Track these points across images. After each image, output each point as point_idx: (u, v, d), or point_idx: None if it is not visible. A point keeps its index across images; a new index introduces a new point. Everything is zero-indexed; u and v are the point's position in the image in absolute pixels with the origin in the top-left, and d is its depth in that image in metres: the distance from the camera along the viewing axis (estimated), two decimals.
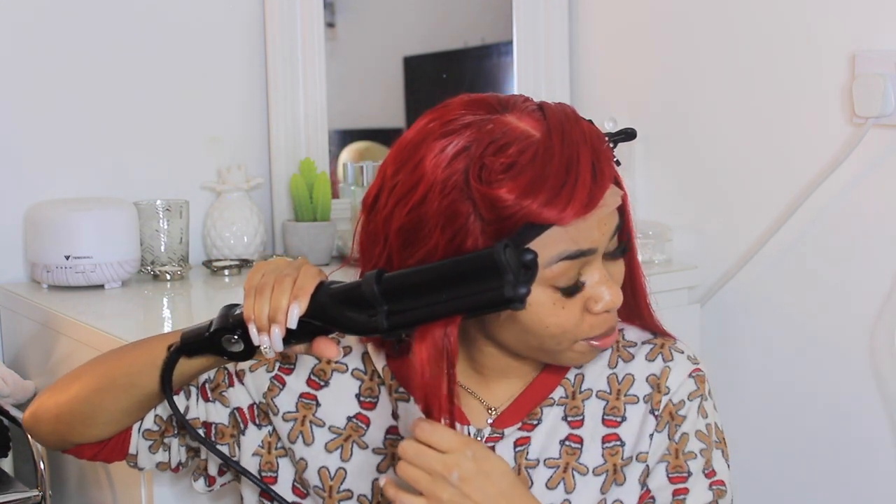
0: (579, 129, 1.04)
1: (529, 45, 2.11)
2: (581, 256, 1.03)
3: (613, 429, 1.14)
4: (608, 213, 1.04)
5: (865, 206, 1.68)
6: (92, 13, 1.81)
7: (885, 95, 1.60)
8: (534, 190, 1.00)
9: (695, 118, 1.92)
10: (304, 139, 1.97)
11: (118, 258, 1.71)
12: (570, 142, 1.02)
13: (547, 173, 1.00)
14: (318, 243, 1.90)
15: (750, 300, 1.85)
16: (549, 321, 1.05)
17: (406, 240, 1.04)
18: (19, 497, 1.52)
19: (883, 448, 1.68)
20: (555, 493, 1.12)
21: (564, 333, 1.06)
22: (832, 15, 1.69)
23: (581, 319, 1.06)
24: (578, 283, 1.04)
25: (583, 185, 1.01)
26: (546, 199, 1.00)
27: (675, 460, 1.13)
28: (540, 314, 1.05)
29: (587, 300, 1.05)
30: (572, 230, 1.02)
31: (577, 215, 1.01)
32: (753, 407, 1.86)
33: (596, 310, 1.06)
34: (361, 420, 1.16)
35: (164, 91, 1.89)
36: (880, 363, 1.67)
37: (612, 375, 1.16)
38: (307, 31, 1.95)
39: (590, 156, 1.02)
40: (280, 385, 1.17)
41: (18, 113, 1.78)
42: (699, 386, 1.16)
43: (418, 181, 1.03)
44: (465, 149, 1.02)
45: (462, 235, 1.01)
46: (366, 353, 1.18)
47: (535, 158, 1.01)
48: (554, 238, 1.02)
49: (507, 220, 1.00)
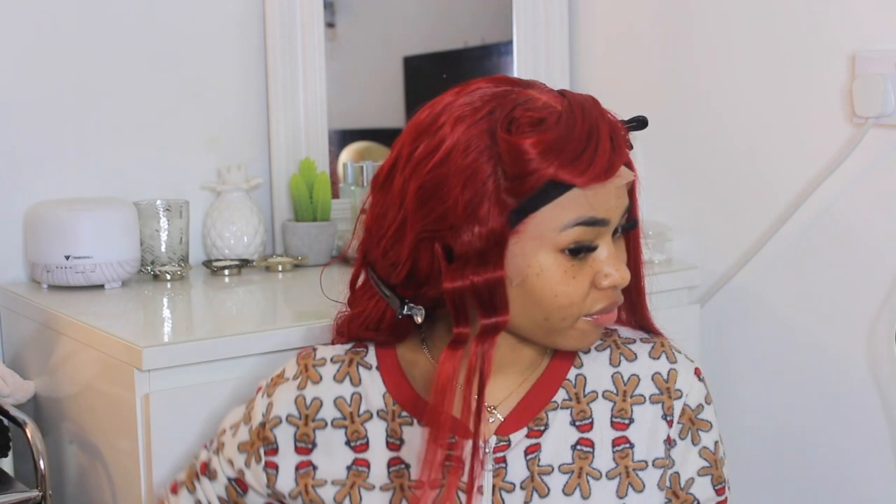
0: (598, 108, 1.07)
1: (529, 45, 2.11)
2: (596, 225, 1.06)
3: (622, 431, 1.14)
4: (623, 185, 1.07)
5: (865, 206, 1.68)
6: (91, 13, 1.81)
7: (885, 95, 1.60)
8: (557, 148, 1.03)
9: (695, 118, 1.92)
10: (304, 139, 1.97)
11: (118, 258, 1.71)
12: (590, 115, 1.06)
13: (571, 136, 1.03)
14: (318, 243, 1.90)
15: (750, 300, 1.85)
16: (558, 289, 1.06)
17: (424, 199, 1.05)
18: (19, 497, 1.52)
19: (881, 448, 1.68)
20: (572, 499, 1.11)
21: (572, 305, 1.07)
22: (832, 15, 1.69)
23: (588, 294, 1.07)
24: (591, 247, 1.06)
25: (603, 151, 1.04)
26: (568, 159, 1.03)
27: (716, 472, 1.15)
28: (552, 281, 1.06)
29: (596, 275, 1.07)
30: (591, 195, 1.05)
31: (596, 180, 1.03)
32: (753, 407, 1.85)
33: (603, 284, 1.07)
34: (361, 464, 1.15)
35: (163, 91, 1.89)
36: (879, 363, 1.67)
37: (616, 374, 1.16)
38: (307, 31, 1.95)
39: (608, 129, 1.06)
40: (274, 471, 1.18)
41: (18, 113, 1.77)
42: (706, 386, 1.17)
43: (440, 143, 1.05)
44: (490, 112, 1.04)
45: (479, 197, 1.03)
46: (339, 398, 1.17)
47: (559, 121, 1.04)
48: (572, 202, 1.04)
49: (528, 177, 1.02)
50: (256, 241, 1.89)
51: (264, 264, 1.87)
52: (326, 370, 1.19)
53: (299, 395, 1.18)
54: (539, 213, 1.04)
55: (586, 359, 1.17)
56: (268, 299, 1.78)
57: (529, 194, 1.03)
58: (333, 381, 1.18)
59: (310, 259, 1.89)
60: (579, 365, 1.16)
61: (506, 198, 1.03)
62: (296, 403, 1.18)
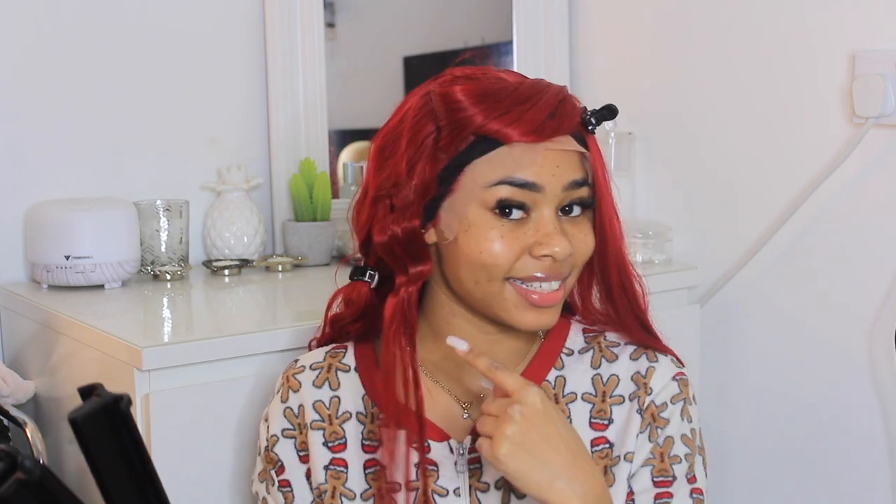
0: (559, 86, 1.10)
1: (529, 45, 2.11)
2: (524, 188, 1.06)
3: (601, 432, 1.14)
4: (570, 154, 1.07)
5: (865, 206, 1.68)
6: (91, 13, 1.81)
7: (885, 95, 1.60)
8: (487, 100, 1.06)
9: (695, 118, 1.92)
10: (304, 139, 1.97)
11: (118, 258, 1.71)
12: (541, 84, 1.09)
13: (505, 94, 1.06)
14: (318, 243, 1.90)
15: (750, 300, 1.85)
16: (483, 245, 1.07)
17: (381, 161, 1.11)
18: None
19: (880, 448, 1.68)
20: None
21: (495, 266, 1.07)
22: (832, 15, 1.69)
23: (516, 258, 1.07)
24: (519, 205, 1.06)
25: (536, 113, 1.05)
26: (497, 112, 1.05)
27: (660, 464, 1.13)
28: (477, 237, 1.07)
29: (532, 245, 1.07)
30: (519, 155, 1.06)
31: (522, 137, 1.05)
32: (752, 407, 1.85)
33: (536, 253, 1.07)
34: (339, 464, 1.16)
35: (164, 91, 1.89)
36: (879, 364, 1.67)
37: (596, 376, 1.16)
38: (307, 31, 1.95)
39: (554, 101, 1.07)
40: (289, 489, 1.19)
41: (19, 113, 1.77)
42: (682, 389, 1.16)
43: (400, 110, 1.12)
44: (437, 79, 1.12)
45: (418, 155, 1.08)
46: (318, 402, 1.18)
47: (498, 83, 1.07)
48: (501, 159, 1.06)
49: (458, 127, 1.05)
50: (256, 241, 1.89)
51: (264, 264, 1.87)
52: (305, 377, 1.20)
53: (285, 407, 1.20)
54: (469, 168, 1.07)
55: (568, 360, 1.17)
56: (268, 299, 1.78)
57: (460, 149, 1.06)
58: (312, 386, 1.19)
59: (310, 259, 1.89)
60: (560, 366, 1.16)
61: (440, 154, 1.07)
62: (285, 416, 1.19)
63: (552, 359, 1.17)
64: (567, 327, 1.20)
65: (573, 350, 1.18)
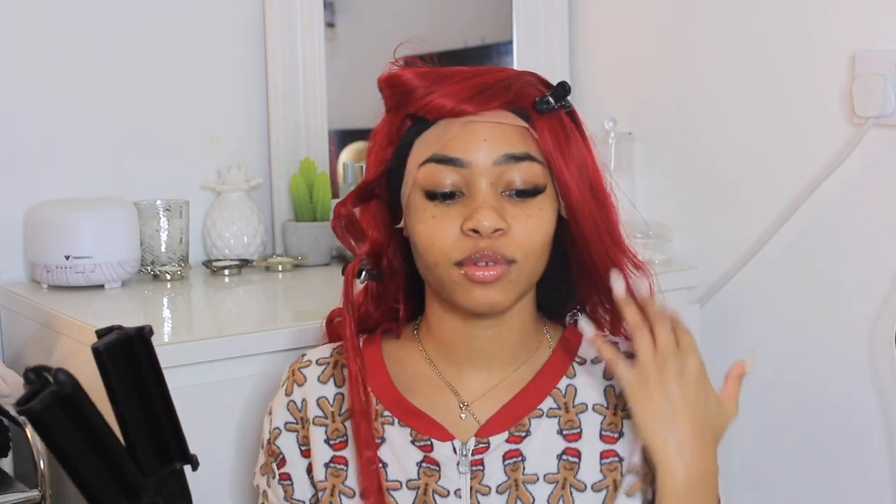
0: (515, 70, 1.10)
1: (529, 45, 2.11)
2: (448, 164, 1.06)
3: (611, 444, 1.13)
4: (488, 125, 1.05)
5: (865, 206, 1.68)
6: (91, 13, 1.81)
7: (885, 95, 1.60)
8: (419, 75, 1.08)
9: (695, 118, 1.92)
10: (304, 139, 1.97)
11: (118, 258, 1.71)
12: (488, 69, 1.09)
13: (441, 72, 1.08)
14: (318, 243, 1.90)
15: (750, 300, 1.85)
16: (418, 227, 1.08)
17: (367, 154, 1.14)
18: (19, 497, 1.52)
19: (879, 448, 1.68)
20: None
21: (433, 247, 1.07)
22: (831, 15, 1.69)
23: (454, 240, 1.06)
24: (447, 193, 1.06)
25: (463, 88, 1.06)
26: (423, 84, 1.07)
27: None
28: (413, 219, 1.09)
29: (463, 220, 1.06)
30: (443, 134, 1.06)
31: (447, 113, 1.05)
32: (752, 406, 1.85)
33: (464, 227, 1.05)
34: (339, 462, 1.15)
35: (164, 91, 1.89)
36: (879, 363, 1.67)
37: (608, 388, 1.15)
38: (307, 31, 1.95)
39: (493, 79, 1.07)
40: (289, 482, 1.19)
41: (19, 113, 1.77)
42: None
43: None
44: None
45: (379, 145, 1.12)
46: (322, 398, 1.18)
47: (452, 69, 1.09)
48: (430, 138, 1.07)
49: (396, 104, 1.08)
50: (256, 241, 1.89)
51: (264, 264, 1.87)
52: (311, 371, 1.20)
53: (289, 400, 1.19)
54: (411, 151, 1.09)
55: (580, 370, 1.16)
56: (268, 299, 1.78)
57: (402, 131, 1.09)
58: (317, 381, 1.19)
59: (310, 259, 1.89)
60: (572, 375, 1.15)
61: (392, 139, 1.10)
62: (288, 410, 1.19)
63: (564, 367, 1.16)
64: (580, 335, 1.18)
65: (586, 359, 1.17)
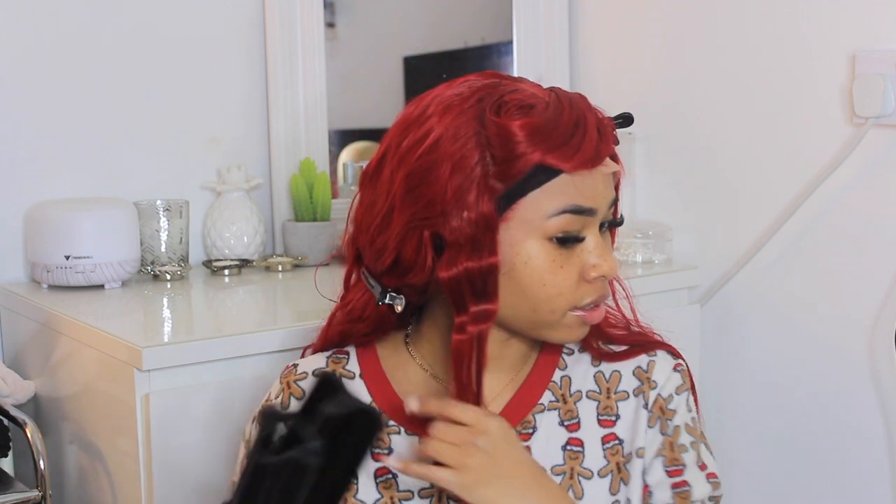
0: (585, 101, 1.09)
1: (529, 45, 2.11)
2: (583, 213, 1.06)
3: (610, 428, 1.14)
4: (609, 175, 1.08)
5: (865, 206, 1.68)
6: (91, 13, 1.81)
7: (885, 95, 1.60)
8: (545, 132, 1.04)
9: (695, 118, 1.92)
10: (304, 139, 1.97)
11: (118, 258, 1.71)
12: (577, 106, 1.07)
13: (559, 122, 1.05)
14: (318, 243, 1.90)
15: (750, 300, 1.85)
16: (546, 278, 1.06)
17: (412, 186, 1.06)
18: (19, 497, 1.52)
19: (879, 448, 1.68)
20: None
21: (560, 296, 1.07)
22: (832, 15, 1.69)
23: (576, 286, 1.07)
24: (579, 237, 1.07)
25: (590, 139, 1.05)
26: (556, 143, 1.04)
27: (670, 453, 1.13)
28: (539, 270, 1.06)
29: (583, 267, 1.07)
30: (578, 183, 1.06)
31: (583, 166, 1.05)
32: (753, 406, 1.85)
33: (591, 275, 1.07)
34: None
35: (164, 91, 1.89)
36: (879, 363, 1.67)
37: (598, 374, 1.16)
38: (307, 31, 1.95)
39: (595, 120, 1.07)
40: None
41: (19, 113, 1.78)
42: (685, 380, 1.16)
43: (428, 131, 1.06)
44: (479, 101, 1.06)
45: (468, 183, 1.04)
46: None
47: (548, 108, 1.05)
48: (560, 188, 1.05)
49: (516, 160, 1.03)
50: (256, 241, 1.89)
51: (264, 264, 1.87)
52: (308, 384, 1.18)
53: None
54: (527, 199, 1.05)
55: (569, 360, 1.17)
56: (268, 299, 1.78)
57: (517, 179, 1.04)
58: None
59: (310, 259, 1.89)
60: (563, 366, 1.16)
61: (494, 183, 1.04)
62: None
63: (555, 359, 1.17)
64: None
65: (573, 349, 1.18)
